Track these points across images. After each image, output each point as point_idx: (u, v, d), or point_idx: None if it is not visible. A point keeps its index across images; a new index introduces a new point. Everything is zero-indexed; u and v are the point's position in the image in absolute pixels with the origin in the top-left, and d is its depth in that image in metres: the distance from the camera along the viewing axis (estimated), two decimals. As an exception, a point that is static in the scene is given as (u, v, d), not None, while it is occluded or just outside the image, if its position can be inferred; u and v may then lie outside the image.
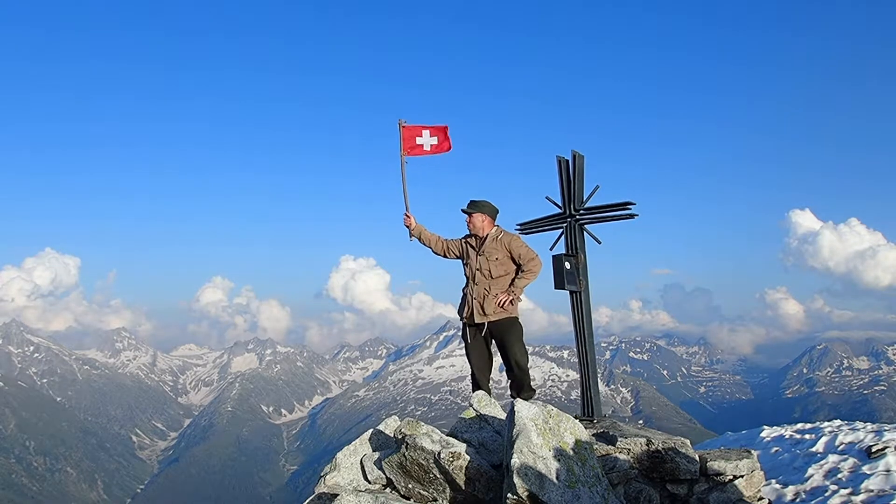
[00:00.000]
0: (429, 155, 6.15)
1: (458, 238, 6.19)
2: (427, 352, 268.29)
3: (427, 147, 6.10)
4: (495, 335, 5.91)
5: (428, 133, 6.11)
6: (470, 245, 6.05)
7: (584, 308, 6.22)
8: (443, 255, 6.18)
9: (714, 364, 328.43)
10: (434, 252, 6.21)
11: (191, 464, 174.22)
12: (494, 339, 5.95)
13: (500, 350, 5.99)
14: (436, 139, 6.14)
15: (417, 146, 6.07)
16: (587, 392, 6.20)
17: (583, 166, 6.28)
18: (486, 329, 5.90)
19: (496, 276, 5.87)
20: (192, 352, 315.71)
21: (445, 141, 6.15)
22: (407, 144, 6.04)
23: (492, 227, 6.01)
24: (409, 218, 6.14)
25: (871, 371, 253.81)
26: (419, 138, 6.07)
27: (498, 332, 5.88)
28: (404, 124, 6.07)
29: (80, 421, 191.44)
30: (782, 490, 6.54)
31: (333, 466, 5.10)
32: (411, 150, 6.08)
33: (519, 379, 5.90)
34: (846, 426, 8.19)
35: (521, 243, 5.95)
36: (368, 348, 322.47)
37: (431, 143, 6.13)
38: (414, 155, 6.09)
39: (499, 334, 5.88)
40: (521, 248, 5.91)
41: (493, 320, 5.84)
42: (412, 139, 6.06)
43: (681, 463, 4.91)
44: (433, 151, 6.16)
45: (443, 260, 6.22)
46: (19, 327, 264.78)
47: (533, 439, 4.36)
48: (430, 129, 6.11)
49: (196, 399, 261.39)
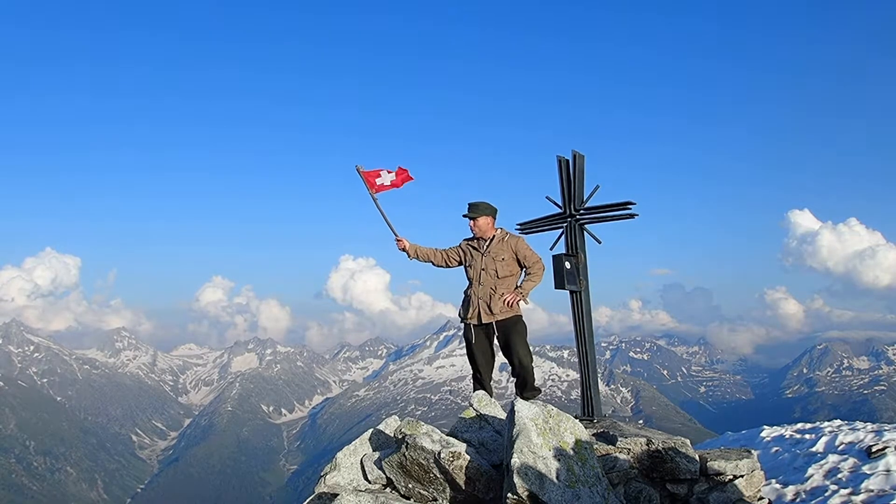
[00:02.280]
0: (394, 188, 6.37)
1: (455, 245, 6.23)
2: (427, 351, 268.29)
3: (387, 183, 6.33)
4: (500, 334, 5.94)
5: (385, 172, 6.36)
6: (472, 247, 6.07)
7: (584, 308, 6.22)
8: (445, 265, 6.24)
9: (714, 364, 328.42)
10: (435, 265, 6.28)
11: (191, 464, 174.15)
12: (499, 338, 5.97)
13: (503, 349, 6.02)
14: (394, 175, 6.34)
15: (379, 186, 6.30)
16: (587, 392, 6.20)
17: (583, 166, 6.29)
18: (492, 328, 5.93)
19: (502, 277, 5.92)
20: (193, 351, 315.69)
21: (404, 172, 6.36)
22: (371, 186, 6.27)
23: (494, 227, 6.06)
24: (400, 242, 6.27)
25: (871, 371, 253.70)
26: (378, 179, 6.31)
27: (503, 331, 5.91)
28: (362, 169, 6.28)
29: (80, 421, 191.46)
30: (782, 490, 6.54)
31: (333, 466, 5.10)
32: (377, 188, 6.30)
33: (523, 377, 5.95)
34: (846, 426, 8.19)
35: (526, 245, 6.02)
36: (368, 348, 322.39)
37: (391, 178, 6.35)
38: (380, 191, 6.31)
39: (504, 333, 5.91)
40: (526, 250, 5.99)
41: (499, 319, 5.88)
42: (373, 181, 6.29)
43: (681, 463, 4.91)
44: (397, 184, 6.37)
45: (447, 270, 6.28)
46: (19, 327, 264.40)
47: (533, 439, 4.37)
48: (387, 171, 6.36)
49: (196, 399, 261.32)
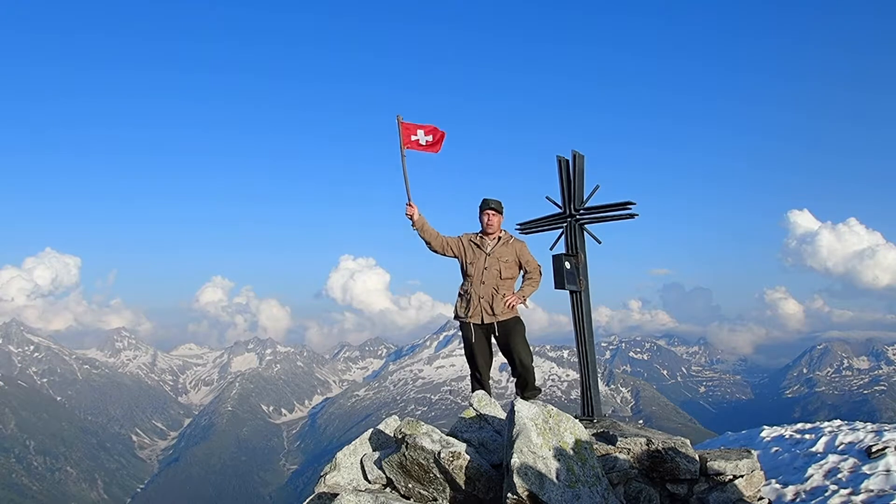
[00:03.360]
0: (423, 151, 6.42)
1: (456, 237, 6.16)
2: (427, 351, 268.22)
3: (423, 143, 6.38)
4: (501, 335, 5.92)
5: (423, 132, 6.38)
6: (475, 244, 6.02)
7: (584, 308, 6.22)
8: (441, 251, 6.07)
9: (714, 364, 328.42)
10: (431, 247, 6.08)
11: (191, 463, 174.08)
12: (499, 338, 5.95)
13: (503, 349, 6.01)
14: (431, 137, 6.39)
15: (413, 142, 6.34)
16: (587, 392, 6.20)
17: (583, 166, 6.29)
18: (493, 328, 5.91)
19: (504, 278, 5.92)
20: (192, 351, 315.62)
21: (437, 143, 6.41)
22: (405, 140, 6.29)
23: (500, 229, 6.06)
24: (411, 207, 6.01)
25: (871, 371, 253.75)
26: (413, 136, 6.33)
27: (504, 332, 5.90)
28: (402, 120, 6.30)
29: (80, 420, 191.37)
30: (782, 490, 6.54)
31: (333, 466, 5.10)
32: (409, 145, 6.33)
33: (524, 377, 5.95)
34: (846, 426, 8.18)
35: (528, 251, 6.07)
36: (368, 348, 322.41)
37: (427, 140, 6.39)
38: (410, 149, 6.33)
39: (504, 334, 5.90)
40: (529, 255, 6.04)
41: (500, 320, 5.87)
42: (408, 135, 6.32)
43: (681, 463, 4.91)
44: (427, 149, 6.42)
45: (440, 259, 6.18)
46: (19, 327, 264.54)
47: (533, 439, 4.36)
48: (425, 129, 6.39)
49: (196, 399, 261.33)
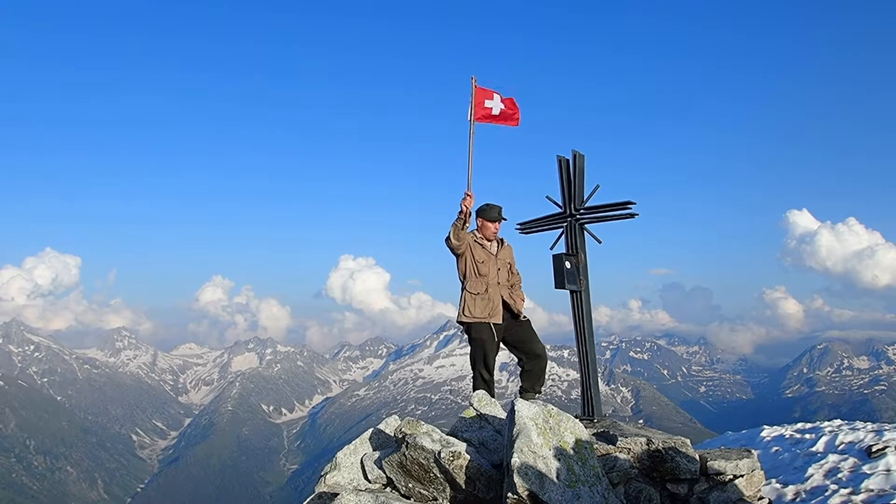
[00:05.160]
0: (496, 123, 5.61)
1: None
2: (427, 351, 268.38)
3: (496, 111, 5.52)
4: (517, 333, 5.98)
5: (498, 98, 5.54)
6: (480, 244, 5.95)
7: (584, 307, 6.22)
8: (462, 248, 5.66)
9: (714, 364, 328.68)
10: (456, 243, 5.52)
11: (191, 463, 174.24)
12: (514, 336, 5.98)
13: (518, 346, 6.00)
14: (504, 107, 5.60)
15: (487, 109, 5.48)
16: (587, 391, 6.20)
17: (583, 166, 6.28)
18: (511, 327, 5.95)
19: (506, 280, 5.97)
20: (193, 351, 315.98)
21: (515, 113, 5.60)
22: (478, 107, 5.41)
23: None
24: (470, 198, 5.20)
25: (871, 371, 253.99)
26: (489, 101, 5.49)
27: (521, 330, 5.99)
28: (477, 84, 5.46)
29: (80, 420, 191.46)
30: (782, 489, 6.54)
31: (334, 466, 5.10)
32: (480, 116, 5.47)
33: (540, 369, 6.00)
34: (846, 426, 8.19)
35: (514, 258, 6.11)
36: (368, 348, 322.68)
37: (500, 108, 5.55)
38: (482, 121, 5.51)
39: (521, 331, 5.99)
40: (514, 262, 6.09)
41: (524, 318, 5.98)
42: (482, 102, 5.47)
43: (681, 462, 4.91)
44: (501, 119, 5.61)
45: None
46: (19, 326, 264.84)
47: (533, 438, 4.36)
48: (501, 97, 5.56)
49: (196, 398, 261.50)
